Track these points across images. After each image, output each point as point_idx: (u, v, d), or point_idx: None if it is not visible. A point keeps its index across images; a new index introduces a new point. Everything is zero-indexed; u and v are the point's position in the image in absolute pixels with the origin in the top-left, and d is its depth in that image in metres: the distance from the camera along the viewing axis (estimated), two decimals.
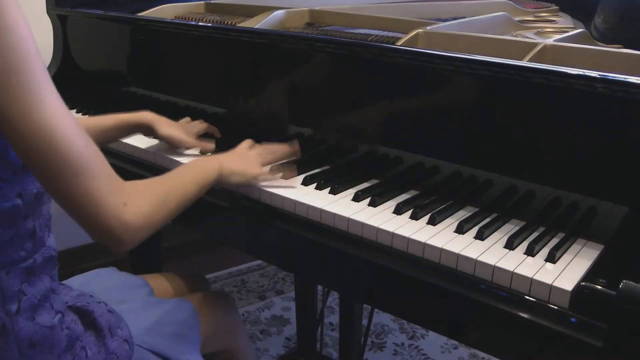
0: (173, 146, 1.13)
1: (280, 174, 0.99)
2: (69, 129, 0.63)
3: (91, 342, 0.82)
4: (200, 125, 1.18)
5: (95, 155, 0.67)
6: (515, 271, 0.74)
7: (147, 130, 1.12)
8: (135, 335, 0.88)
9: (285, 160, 1.04)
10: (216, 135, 1.19)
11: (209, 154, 1.12)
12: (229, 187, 0.98)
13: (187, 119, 1.20)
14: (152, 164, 1.15)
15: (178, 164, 1.09)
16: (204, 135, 1.17)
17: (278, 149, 1.03)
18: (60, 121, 0.63)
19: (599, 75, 0.77)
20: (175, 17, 1.50)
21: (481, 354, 1.85)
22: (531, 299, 0.73)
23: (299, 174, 1.03)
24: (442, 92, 0.94)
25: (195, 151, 1.14)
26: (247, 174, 0.96)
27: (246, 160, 0.97)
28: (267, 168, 1.00)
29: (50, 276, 0.77)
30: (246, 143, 1.03)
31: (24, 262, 0.73)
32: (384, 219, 0.88)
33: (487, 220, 0.87)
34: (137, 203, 0.71)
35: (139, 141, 1.19)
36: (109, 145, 1.18)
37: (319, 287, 1.69)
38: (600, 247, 0.80)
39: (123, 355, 0.84)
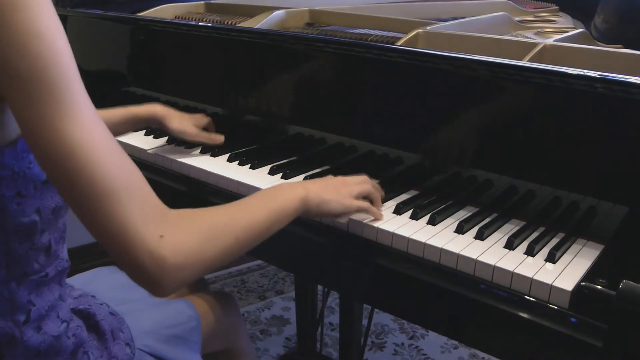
0: (184, 139, 1.12)
1: (376, 207, 0.88)
2: (96, 147, 0.57)
3: (93, 346, 0.82)
4: (204, 119, 1.17)
5: (129, 177, 0.59)
6: (515, 271, 0.74)
7: (157, 124, 1.11)
8: (136, 338, 0.88)
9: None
10: (212, 130, 1.18)
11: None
12: (319, 219, 0.87)
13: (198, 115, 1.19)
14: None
15: (187, 166, 1.08)
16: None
17: (364, 181, 0.91)
18: (88, 138, 0.56)
19: (599, 75, 0.77)
20: (175, 17, 1.50)
21: (481, 354, 1.85)
22: (531, 299, 0.73)
23: (299, 174, 1.03)
24: (442, 92, 0.94)
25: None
26: (342, 202, 0.83)
27: (336, 188, 0.85)
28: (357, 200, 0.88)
29: (59, 283, 0.77)
30: (345, 178, 0.90)
31: (36, 274, 0.72)
32: (384, 218, 0.88)
33: (487, 220, 0.87)
34: (179, 236, 0.60)
35: (143, 142, 1.19)
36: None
37: (319, 287, 1.69)
38: (600, 247, 0.81)
39: (125, 359, 0.84)
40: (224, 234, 0.67)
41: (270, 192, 0.80)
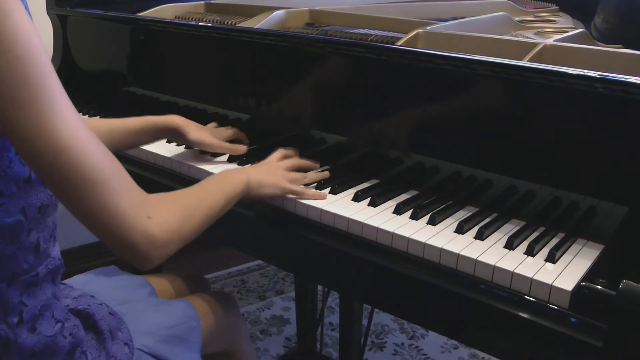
0: (204, 150, 1.10)
1: (312, 190, 0.96)
2: (84, 141, 0.60)
3: (91, 346, 0.81)
4: (228, 131, 1.14)
5: (114, 167, 0.64)
6: (515, 271, 0.74)
7: (176, 135, 1.08)
8: (136, 338, 0.88)
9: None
10: (244, 142, 1.16)
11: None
12: (259, 199, 0.95)
13: (214, 124, 1.17)
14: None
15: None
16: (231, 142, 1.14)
17: (306, 164, 1.03)
18: (73, 134, 0.59)
19: (599, 75, 0.77)
20: (175, 17, 1.50)
21: (481, 354, 1.85)
22: (531, 299, 0.73)
23: None
24: (442, 92, 0.94)
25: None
26: (278, 186, 0.93)
27: (274, 172, 0.95)
28: (298, 183, 0.97)
29: (52, 282, 0.77)
30: (278, 153, 1.02)
31: (25, 275, 0.72)
32: (384, 219, 0.88)
33: (487, 220, 0.87)
34: (163, 216, 0.68)
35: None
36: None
37: (319, 287, 1.69)
38: (600, 247, 0.80)
39: (123, 359, 0.84)
40: (196, 212, 0.75)
41: (222, 177, 0.89)
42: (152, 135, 1.09)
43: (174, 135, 1.09)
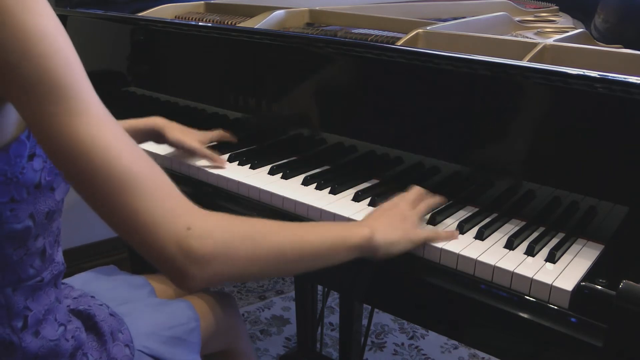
0: (184, 151, 1.09)
1: (453, 234, 0.83)
2: (113, 143, 0.57)
3: (93, 347, 0.81)
4: (211, 134, 1.14)
5: (150, 171, 0.59)
6: (515, 271, 0.74)
7: (157, 135, 1.08)
8: (136, 339, 0.87)
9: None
10: (231, 141, 1.15)
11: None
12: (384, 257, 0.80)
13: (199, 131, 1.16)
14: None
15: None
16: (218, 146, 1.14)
17: (432, 201, 0.89)
18: (101, 135, 0.57)
19: (598, 75, 0.77)
20: (175, 17, 1.50)
21: (481, 354, 1.85)
22: (531, 299, 0.73)
23: (299, 174, 1.03)
24: (442, 92, 0.94)
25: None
26: (411, 239, 0.80)
27: (399, 224, 0.81)
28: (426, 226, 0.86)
29: (55, 285, 0.76)
30: (409, 196, 0.87)
31: (31, 280, 0.72)
32: None
33: (487, 220, 0.87)
34: (208, 229, 0.60)
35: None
36: None
37: (319, 287, 1.69)
38: (600, 247, 0.81)
39: None
40: (264, 240, 0.66)
41: (330, 223, 0.81)
42: (135, 138, 1.08)
43: (155, 136, 1.09)
